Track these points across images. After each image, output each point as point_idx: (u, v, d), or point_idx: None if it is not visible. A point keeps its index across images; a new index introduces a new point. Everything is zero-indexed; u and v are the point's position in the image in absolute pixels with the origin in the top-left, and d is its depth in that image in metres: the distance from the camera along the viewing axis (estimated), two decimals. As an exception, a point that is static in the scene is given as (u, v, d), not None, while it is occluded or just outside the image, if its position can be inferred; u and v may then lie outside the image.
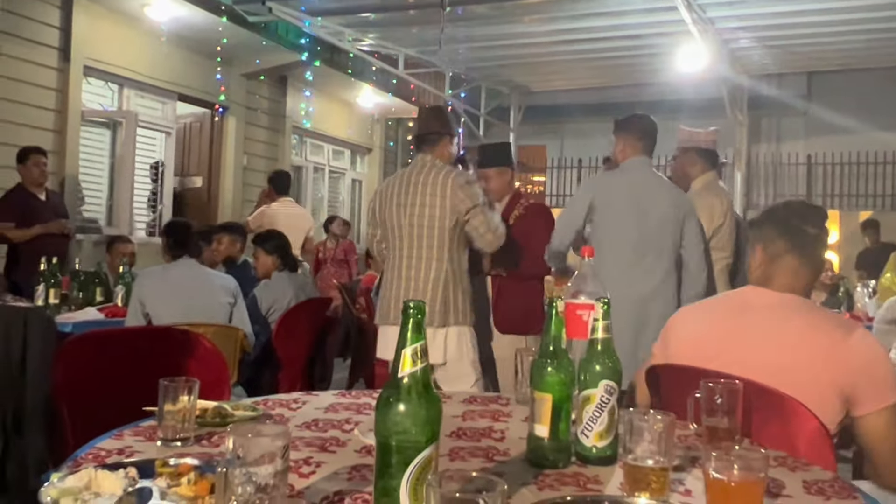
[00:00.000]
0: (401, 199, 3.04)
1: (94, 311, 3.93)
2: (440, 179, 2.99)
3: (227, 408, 1.48)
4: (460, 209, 2.97)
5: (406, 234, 3.04)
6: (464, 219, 2.99)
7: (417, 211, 2.99)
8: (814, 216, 1.79)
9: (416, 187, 3.02)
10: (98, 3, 6.67)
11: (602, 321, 1.35)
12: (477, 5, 6.30)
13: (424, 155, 3.10)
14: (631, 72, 8.70)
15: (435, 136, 3.11)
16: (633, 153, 3.12)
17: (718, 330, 1.77)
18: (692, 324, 1.87)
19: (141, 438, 1.35)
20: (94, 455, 1.24)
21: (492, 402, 1.79)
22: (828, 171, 12.12)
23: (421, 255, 3.01)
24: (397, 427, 0.87)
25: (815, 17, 6.37)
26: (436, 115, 3.20)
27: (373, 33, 7.41)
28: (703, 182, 3.53)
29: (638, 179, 3.06)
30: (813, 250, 1.77)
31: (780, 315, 1.70)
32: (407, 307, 0.90)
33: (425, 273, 3.00)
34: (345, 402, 1.73)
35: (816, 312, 1.75)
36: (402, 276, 3.04)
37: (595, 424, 1.30)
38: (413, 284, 3.00)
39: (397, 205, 3.05)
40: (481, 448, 1.39)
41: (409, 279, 3.02)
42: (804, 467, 1.34)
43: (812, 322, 1.68)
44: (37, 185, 5.23)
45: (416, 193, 3.01)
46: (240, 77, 8.51)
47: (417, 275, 3.01)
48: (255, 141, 8.96)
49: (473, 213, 2.98)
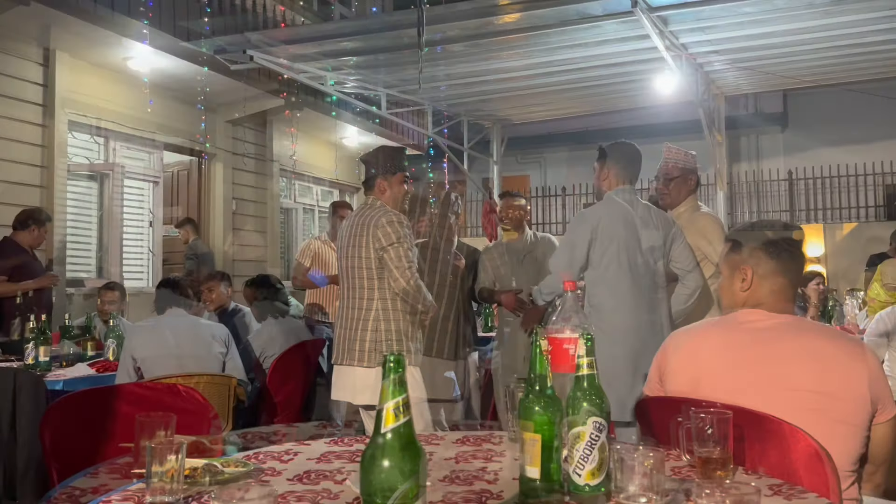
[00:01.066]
0: (344, 242, 3.09)
1: (85, 367, 3.90)
2: (367, 220, 3.00)
3: (217, 465, 1.47)
4: (376, 247, 2.93)
5: (344, 276, 3.08)
6: (380, 254, 2.93)
7: (349, 252, 3.03)
8: (799, 239, 1.84)
9: (350, 230, 3.06)
10: (80, 57, 6.74)
11: (586, 357, 1.35)
12: (454, 44, 6.39)
13: (367, 198, 3.14)
14: (609, 99, 8.81)
15: (371, 179, 3.11)
16: (618, 182, 3.12)
17: (729, 359, 1.73)
18: (693, 356, 1.80)
19: (130, 503, 1.33)
20: (83, 522, 1.23)
21: (485, 442, 1.79)
22: (809, 185, 12.28)
23: (354, 296, 3.02)
24: (382, 484, 0.86)
25: (786, 37, 6.49)
26: (373, 157, 3.15)
27: (354, 76, 7.49)
28: (690, 204, 3.51)
29: (629, 209, 3.06)
30: (798, 270, 1.82)
31: (793, 334, 1.72)
32: (386, 360, 0.90)
33: (357, 313, 2.99)
34: (337, 450, 1.72)
35: (823, 329, 1.80)
36: (343, 317, 3.05)
37: (587, 462, 1.29)
38: (347, 324, 3.00)
39: (341, 247, 3.11)
40: (475, 492, 1.38)
41: (344, 319, 3.03)
42: (800, 496, 1.33)
43: (828, 337, 1.73)
44: (32, 248, 5.26)
45: (350, 236, 3.04)
46: (224, 123, 8.58)
47: (350, 314, 3.01)
48: (243, 185, 9.00)
49: (393, 248, 2.92)
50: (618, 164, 3.14)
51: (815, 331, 1.77)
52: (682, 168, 3.51)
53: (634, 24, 5.83)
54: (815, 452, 1.47)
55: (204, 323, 3.73)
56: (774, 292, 1.78)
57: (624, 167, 3.14)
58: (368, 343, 2.92)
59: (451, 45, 6.44)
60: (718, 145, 8.16)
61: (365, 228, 2.97)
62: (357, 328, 2.96)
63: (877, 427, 1.67)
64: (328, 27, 6.82)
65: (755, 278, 1.79)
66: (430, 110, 8.70)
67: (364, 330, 2.94)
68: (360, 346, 2.94)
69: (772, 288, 1.78)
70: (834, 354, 1.67)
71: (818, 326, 1.83)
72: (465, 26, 6.04)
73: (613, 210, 3.04)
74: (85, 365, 3.94)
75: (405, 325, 2.97)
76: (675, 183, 3.51)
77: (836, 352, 1.68)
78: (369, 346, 2.92)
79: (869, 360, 1.67)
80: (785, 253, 1.79)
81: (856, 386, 1.63)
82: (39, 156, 6.46)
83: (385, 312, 2.95)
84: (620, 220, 3.01)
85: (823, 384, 1.64)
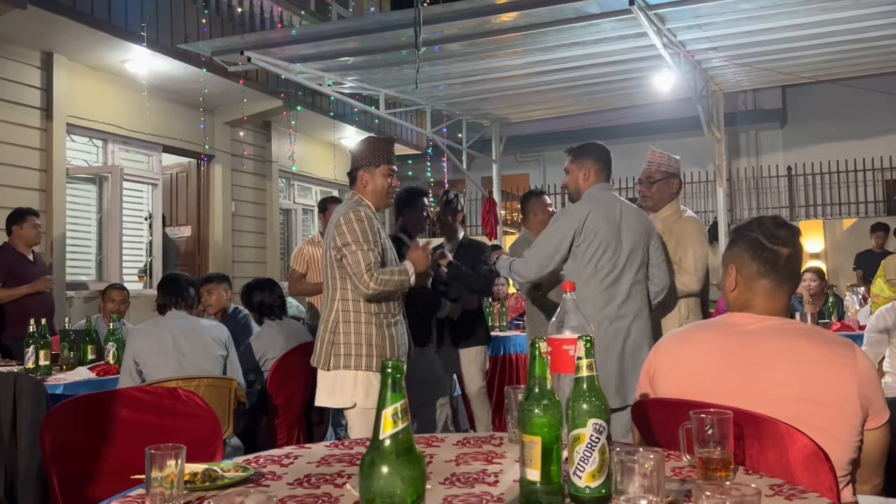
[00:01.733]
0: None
1: (86, 370, 3.90)
2: (336, 217, 2.90)
3: (217, 470, 1.47)
4: (333, 247, 2.84)
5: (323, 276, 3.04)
6: (337, 258, 2.84)
7: (322, 253, 3.00)
8: (786, 235, 1.72)
9: (328, 227, 2.99)
10: (78, 61, 6.74)
11: (586, 359, 1.35)
12: (452, 43, 6.38)
13: (350, 192, 3.06)
14: (608, 97, 8.81)
15: (353, 171, 3.01)
16: (597, 180, 3.17)
17: (721, 363, 1.69)
18: (682, 359, 1.78)
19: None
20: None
21: (485, 443, 1.79)
22: (808, 181, 12.28)
23: (326, 297, 2.94)
24: (382, 491, 0.86)
25: (784, 33, 6.49)
26: (357, 148, 3.03)
27: (352, 76, 7.49)
28: (673, 208, 3.55)
29: (610, 206, 3.11)
30: (787, 270, 1.71)
31: (780, 338, 1.65)
32: (385, 366, 0.90)
33: (325, 314, 2.92)
34: (338, 453, 1.72)
35: (811, 332, 1.70)
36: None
37: (587, 465, 1.29)
38: (320, 326, 2.94)
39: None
40: (475, 495, 1.38)
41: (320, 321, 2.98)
42: (801, 495, 1.33)
43: (816, 342, 1.64)
44: (30, 246, 5.26)
45: (326, 234, 2.98)
46: (223, 125, 8.58)
47: (322, 316, 2.95)
48: (243, 187, 9.00)
49: (343, 255, 2.81)
50: (597, 162, 3.19)
51: (801, 334, 1.67)
52: (664, 171, 3.54)
53: (632, 21, 5.82)
54: (812, 452, 1.46)
55: (205, 324, 3.72)
56: (761, 294, 1.71)
57: (602, 167, 3.19)
58: (325, 345, 2.84)
59: (449, 45, 6.44)
60: (718, 142, 8.16)
61: (331, 226, 2.89)
62: (322, 329, 2.89)
63: (869, 433, 1.61)
64: (325, 27, 6.80)
65: (740, 279, 1.73)
66: (429, 110, 8.69)
67: (325, 331, 2.86)
68: (319, 346, 2.87)
69: (758, 289, 1.71)
70: (819, 359, 1.60)
71: (806, 329, 1.72)
72: (463, 26, 6.03)
73: (599, 206, 3.09)
74: (85, 369, 3.94)
75: (367, 328, 2.82)
76: (657, 186, 3.55)
77: (822, 356, 1.61)
78: (325, 349, 2.84)
79: (859, 363, 1.59)
80: (768, 253, 1.70)
81: (842, 391, 1.57)
82: (38, 159, 6.46)
83: (346, 314, 2.84)
84: (605, 216, 3.06)
85: (807, 390, 1.58)
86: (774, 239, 1.71)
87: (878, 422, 1.62)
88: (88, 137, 7.20)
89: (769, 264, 1.70)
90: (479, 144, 10.07)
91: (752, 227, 1.75)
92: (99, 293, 5.61)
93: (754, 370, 1.63)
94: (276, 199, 9.64)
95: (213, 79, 7.23)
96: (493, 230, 9.53)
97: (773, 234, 1.72)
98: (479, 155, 10.12)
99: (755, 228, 1.75)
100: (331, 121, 9.26)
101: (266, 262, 9.34)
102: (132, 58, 6.75)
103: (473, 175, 10.77)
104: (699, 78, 7.55)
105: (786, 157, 12.54)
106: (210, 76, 7.15)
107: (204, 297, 4.57)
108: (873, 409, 1.60)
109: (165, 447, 1.31)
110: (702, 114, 7.63)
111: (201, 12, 7.19)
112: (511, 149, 12.02)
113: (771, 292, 1.72)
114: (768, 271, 1.70)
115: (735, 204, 12.22)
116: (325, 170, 10.57)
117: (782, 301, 1.73)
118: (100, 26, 6.15)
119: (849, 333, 4.72)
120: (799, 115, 12.70)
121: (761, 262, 1.71)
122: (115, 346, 4.07)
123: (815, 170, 12.07)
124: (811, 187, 12.28)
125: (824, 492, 1.40)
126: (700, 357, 1.74)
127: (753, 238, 1.73)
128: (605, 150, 3.23)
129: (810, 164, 12.10)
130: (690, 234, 3.42)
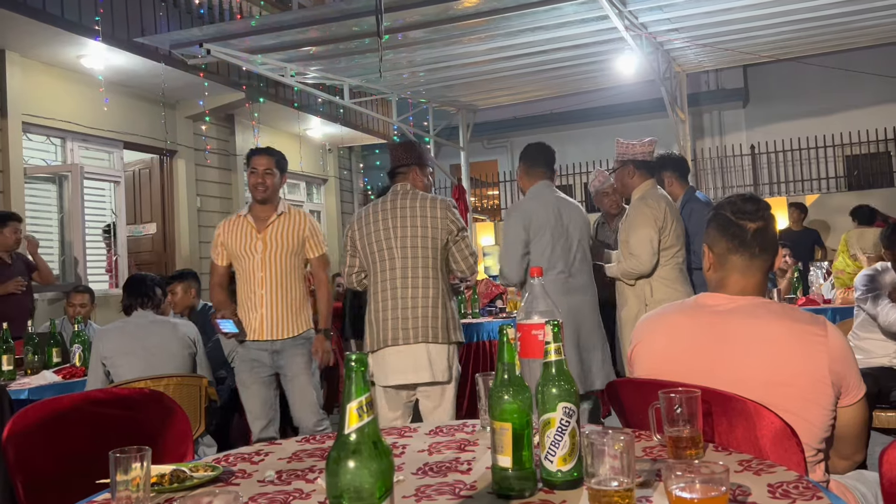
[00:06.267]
0: (388, 224, 3.13)
1: (51, 374, 3.81)
2: (428, 203, 3.14)
3: (185, 470, 1.44)
4: (452, 229, 3.13)
5: (399, 257, 3.11)
6: (454, 239, 3.15)
7: (410, 233, 3.10)
8: (752, 209, 1.72)
9: (404, 211, 3.13)
10: (32, 57, 6.56)
11: (554, 343, 1.35)
12: (415, 30, 6.34)
13: (405, 184, 3.23)
14: (573, 81, 8.84)
15: (405, 168, 3.25)
16: (541, 178, 3.55)
17: (690, 345, 1.69)
18: (657, 339, 1.79)
19: (96, 513, 1.30)
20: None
21: (458, 431, 1.78)
22: (771, 159, 12.47)
23: (417, 276, 3.09)
24: (349, 487, 0.85)
25: (744, 12, 6.56)
26: (405, 149, 3.33)
27: (315, 66, 7.41)
28: (641, 192, 3.73)
29: (552, 200, 3.46)
30: (757, 245, 1.70)
31: (749, 320, 1.64)
32: (349, 360, 0.89)
33: (423, 292, 3.07)
34: (309, 447, 1.71)
35: (781, 311, 1.68)
36: (398, 297, 3.08)
37: (558, 448, 1.29)
38: (411, 303, 3.06)
39: (384, 229, 3.13)
40: (448, 483, 1.37)
41: (405, 299, 3.07)
42: (769, 469, 1.34)
43: (786, 321, 1.62)
44: (8, 251, 5.14)
45: (405, 217, 3.13)
46: (185, 119, 8.44)
47: (415, 294, 3.07)
48: (207, 182, 8.87)
49: (461, 235, 3.17)
50: (539, 164, 3.58)
51: (771, 314, 1.64)
52: (620, 160, 3.84)
53: (593, 5, 5.84)
54: (780, 429, 1.48)
55: (172, 322, 3.66)
56: (735, 271, 1.70)
57: (547, 168, 3.59)
58: (441, 321, 3.05)
59: (412, 32, 6.40)
60: (682, 122, 8.24)
61: (426, 210, 3.12)
62: (427, 306, 3.06)
63: (844, 410, 1.61)
64: (285, 17, 6.70)
65: (713, 257, 1.74)
66: (395, 99, 8.64)
67: (435, 308, 3.06)
68: (431, 323, 3.04)
69: (730, 267, 1.71)
70: (790, 339, 1.59)
71: (776, 308, 1.69)
72: (425, 12, 6.00)
73: (539, 202, 3.47)
74: (50, 372, 3.85)
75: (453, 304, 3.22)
76: (616, 174, 3.91)
77: (793, 335, 1.59)
78: (442, 324, 3.05)
79: (831, 340, 1.58)
80: (735, 229, 1.70)
81: (813, 370, 1.56)
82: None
83: (447, 293, 3.15)
84: (547, 210, 3.43)
85: (776, 373, 1.58)
86: (741, 214, 1.72)
87: (853, 398, 1.61)
88: (46, 136, 7.02)
89: (737, 240, 1.70)
90: (446, 132, 10.05)
91: (723, 206, 1.77)
92: (63, 295, 5.49)
93: (724, 353, 1.63)
94: (242, 192, 9.51)
95: (172, 72, 7.09)
96: (463, 217, 9.53)
97: (740, 209, 1.73)
98: (447, 143, 10.10)
99: (724, 207, 1.76)
100: (295, 112, 9.16)
101: (235, 257, 9.22)
102: (88, 53, 6.58)
103: (441, 163, 10.75)
104: (662, 60, 7.61)
105: (749, 136, 12.71)
106: (169, 70, 7.01)
107: (168, 297, 4.50)
108: (846, 386, 1.59)
109: (130, 450, 1.28)
110: (665, 95, 7.69)
111: (158, 5, 7.04)
112: (478, 135, 12.01)
113: (743, 269, 1.71)
114: (737, 247, 1.71)
115: (700, 183, 12.36)
116: (291, 162, 10.42)
117: (756, 277, 1.71)
118: (53, 21, 5.98)
119: (815, 308, 4.81)
120: (760, 95, 12.87)
121: (729, 237, 1.71)
122: (81, 348, 3.99)
123: (778, 147, 12.25)
124: (774, 165, 12.47)
125: (793, 466, 1.42)
126: (671, 339, 1.74)
127: (722, 216, 1.74)
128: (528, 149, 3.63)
129: (773, 142, 12.28)
130: (633, 218, 3.63)
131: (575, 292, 3.39)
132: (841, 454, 1.70)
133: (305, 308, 3.59)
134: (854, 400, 1.62)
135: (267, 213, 3.57)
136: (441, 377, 3.05)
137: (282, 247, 3.52)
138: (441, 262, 3.12)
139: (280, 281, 3.50)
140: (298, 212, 3.66)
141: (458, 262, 3.17)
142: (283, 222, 3.56)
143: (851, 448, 1.70)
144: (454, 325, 3.11)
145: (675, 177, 4.27)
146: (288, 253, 3.52)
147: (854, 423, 1.65)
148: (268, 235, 3.53)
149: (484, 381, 1.76)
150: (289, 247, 3.53)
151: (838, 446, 1.68)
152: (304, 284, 3.62)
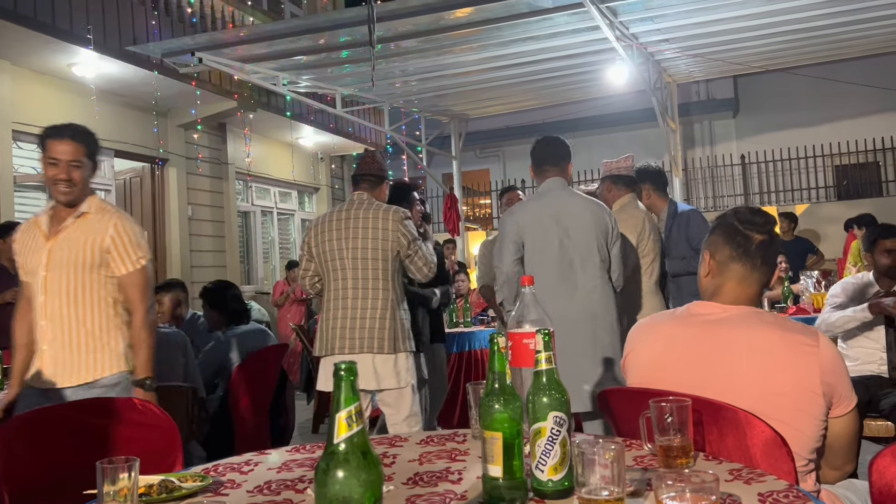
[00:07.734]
0: (342, 234, 3.21)
1: (39, 384, 3.77)
2: (381, 214, 3.22)
3: (174, 480, 1.43)
4: (403, 242, 3.20)
5: (350, 267, 3.19)
6: (406, 252, 3.22)
7: (361, 244, 3.18)
8: (760, 221, 1.73)
9: (357, 221, 3.22)
10: (22, 65, 6.54)
11: (544, 352, 1.35)
12: (407, 40, 6.36)
13: (362, 193, 3.34)
14: (564, 91, 8.88)
15: (375, 179, 3.37)
16: (550, 175, 3.25)
17: (682, 354, 1.69)
18: (649, 348, 1.78)
19: (83, 525, 1.29)
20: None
21: (448, 441, 1.77)
22: (762, 168, 12.55)
23: (367, 286, 3.17)
24: (337, 497, 0.84)
25: (735, 23, 6.61)
26: (379, 160, 3.44)
27: (307, 75, 7.41)
28: (619, 205, 3.89)
29: (554, 199, 3.17)
30: (759, 257, 1.71)
31: (741, 329, 1.64)
32: (338, 369, 0.88)
33: (372, 302, 3.14)
34: (299, 457, 1.70)
35: (774, 321, 1.68)
36: (349, 307, 3.16)
37: (548, 458, 1.29)
38: (360, 313, 3.13)
39: (338, 238, 3.22)
40: (438, 493, 1.37)
41: (355, 308, 3.15)
42: (759, 478, 1.34)
43: (778, 331, 1.63)
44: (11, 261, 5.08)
45: (357, 228, 3.21)
46: (177, 128, 8.42)
47: (364, 304, 3.14)
48: (199, 190, 8.84)
49: (413, 247, 3.23)
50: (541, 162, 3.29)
51: (763, 324, 1.65)
52: (603, 177, 4.01)
53: (584, 15, 5.87)
54: (770, 438, 1.48)
55: (161, 331, 3.64)
56: (732, 279, 1.71)
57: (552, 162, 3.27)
58: (388, 331, 3.11)
59: (404, 42, 6.41)
60: (672, 132, 8.28)
61: (378, 222, 3.20)
62: (374, 317, 3.12)
63: (835, 420, 1.61)
64: (278, 27, 6.71)
65: (713, 263, 1.74)
66: (387, 108, 8.65)
67: (383, 318, 3.12)
68: (378, 333, 3.09)
69: (729, 274, 1.71)
70: (782, 348, 1.60)
71: (768, 318, 1.69)
72: (417, 22, 6.01)
73: (537, 202, 3.21)
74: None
75: (408, 315, 3.28)
76: (598, 190, 4.05)
77: (785, 345, 1.59)
78: (389, 335, 3.11)
79: (823, 351, 1.58)
80: (740, 237, 1.70)
81: (804, 381, 1.56)
82: (-17, 168, 6.26)
83: (398, 302, 3.21)
84: (545, 210, 3.14)
85: (768, 383, 1.58)
86: (749, 225, 1.73)
87: (844, 409, 1.61)
88: (36, 144, 6.97)
89: (741, 248, 1.71)
90: (438, 141, 10.06)
91: (729, 215, 1.79)
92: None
93: (716, 363, 1.63)
94: (234, 201, 9.50)
95: (164, 81, 7.08)
96: (455, 226, 9.54)
97: (748, 219, 1.74)
98: (439, 152, 10.12)
99: (731, 216, 1.78)
100: (287, 121, 9.16)
101: (226, 265, 9.19)
102: (79, 61, 6.57)
103: (434, 172, 10.76)
104: (653, 70, 7.65)
105: (739, 146, 12.79)
106: (161, 78, 7.00)
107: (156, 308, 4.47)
108: (838, 397, 1.59)
109: (117, 460, 1.27)
110: (656, 105, 7.73)
111: (150, 13, 7.04)
112: (470, 145, 12.03)
113: (741, 278, 1.71)
114: (740, 255, 1.71)
115: (691, 193, 12.42)
116: (283, 171, 10.45)
117: (752, 289, 1.72)
118: (44, 29, 5.97)
119: (805, 317, 4.82)
120: (751, 105, 12.96)
121: (734, 245, 1.72)
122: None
123: (768, 157, 12.33)
124: (764, 175, 12.54)
125: (783, 475, 1.42)
126: (663, 348, 1.74)
127: (729, 223, 1.75)
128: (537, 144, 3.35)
129: (763, 151, 12.36)
130: None
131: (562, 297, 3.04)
132: (832, 465, 1.70)
133: (110, 345, 2.56)
134: (845, 411, 1.62)
135: (67, 214, 2.60)
136: (388, 384, 3.13)
137: (68, 260, 2.52)
138: (393, 273, 3.21)
139: (66, 308, 2.52)
140: (106, 211, 2.65)
141: (413, 273, 3.29)
142: (78, 227, 2.57)
143: (842, 459, 1.70)
144: (403, 335, 3.17)
145: (653, 189, 4.31)
146: (77, 268, 2.52)
147: (845, 434, 1.65)
148: (56, 244, 2.56)
149: (474, 391, 1.75)
150: (78, 260, 2.52)
151: (829, 457, 1.68)
152: (112, 311, 2.59)
